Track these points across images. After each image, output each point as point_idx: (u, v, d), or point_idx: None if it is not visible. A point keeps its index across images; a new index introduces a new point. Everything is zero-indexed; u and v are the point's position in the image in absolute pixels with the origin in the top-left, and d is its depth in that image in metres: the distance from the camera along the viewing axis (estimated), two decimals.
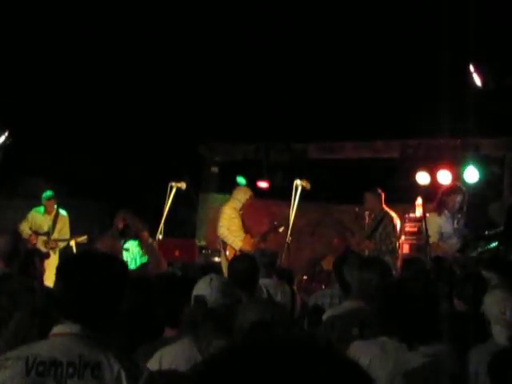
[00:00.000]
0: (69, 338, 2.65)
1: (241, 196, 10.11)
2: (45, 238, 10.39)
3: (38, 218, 10.52)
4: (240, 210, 10.03)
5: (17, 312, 3.57)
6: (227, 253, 9.74)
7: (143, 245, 9.47)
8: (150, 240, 9.35)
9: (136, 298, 3.95)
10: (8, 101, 10.33)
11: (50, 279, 6.25)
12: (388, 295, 3.73)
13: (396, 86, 10.44)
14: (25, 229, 10.29)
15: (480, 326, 3.90)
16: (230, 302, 3.67)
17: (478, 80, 8.54)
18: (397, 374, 3.37)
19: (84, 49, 11.03)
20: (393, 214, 9.34)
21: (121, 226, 7.84)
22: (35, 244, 9.96)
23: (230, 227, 9.87)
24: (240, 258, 5.66)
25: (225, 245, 9.89)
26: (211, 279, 3.71)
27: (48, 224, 10.50)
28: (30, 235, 10.22)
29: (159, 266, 7.80)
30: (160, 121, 11.90)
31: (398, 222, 9.30)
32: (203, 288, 3.68)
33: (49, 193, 10.54)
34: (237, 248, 9.71)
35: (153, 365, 3.30)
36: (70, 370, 2.56)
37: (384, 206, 9.37)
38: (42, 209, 10.56)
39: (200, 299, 3.63)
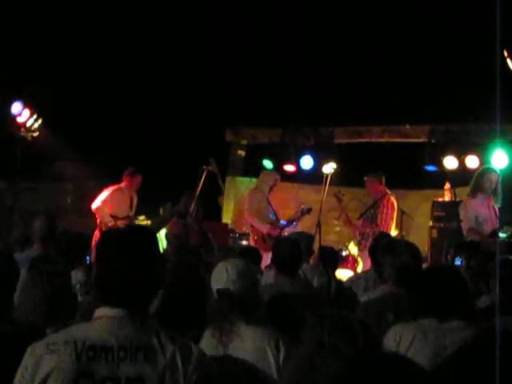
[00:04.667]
0: (117, 320, 2.52)
1: (268, 180, 10.15)
2: None
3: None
4: (268, 194, 10.08)
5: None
6: (255, 237, 9.79)
7: None
8: None
9: None
10: (37, 87, 10.43)
11: None
12: (423, 277, 3.77)
13: (424, 71, 10.41)
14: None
15: None
16: (251, 284, 3.60)
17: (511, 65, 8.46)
18: (438, 355, 3.41)
19: (116, 33, 11.17)
20: (391, 198, 9.41)
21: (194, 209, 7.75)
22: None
23: (258, 211, 9.92)
24: (284, 241, 5.61)
25: (253, 228, 9.93)
26: (227, 269, 3.57)
27: None
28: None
29: None
30: (187, 105, 11.95)
31: (392, 206, 9.36)
32: (223, 280, 3.55)
33: None
34: (264, 232, 9.76)
35: None
36: (122, 354, 2.46)
37: (384, 189, 9.46)
38: None
39: (224, 292, 3.52)
